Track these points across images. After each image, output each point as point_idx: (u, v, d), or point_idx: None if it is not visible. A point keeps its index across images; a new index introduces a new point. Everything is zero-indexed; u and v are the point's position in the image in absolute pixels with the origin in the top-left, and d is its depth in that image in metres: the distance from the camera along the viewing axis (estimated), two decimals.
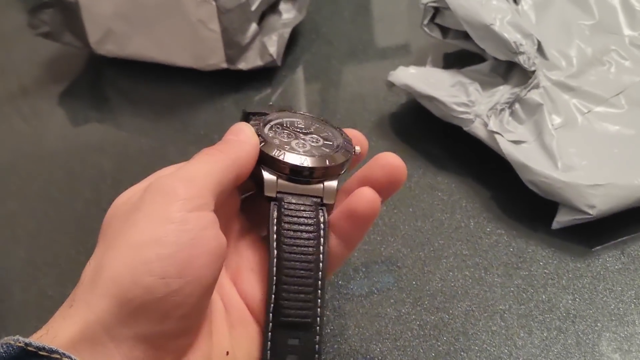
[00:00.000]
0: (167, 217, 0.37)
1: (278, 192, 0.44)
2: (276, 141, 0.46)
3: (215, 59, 0.83)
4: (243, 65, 0.84)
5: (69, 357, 0.33)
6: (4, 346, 0.33)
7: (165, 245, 0.36)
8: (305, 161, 0.44)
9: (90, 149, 0.79)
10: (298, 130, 0.48)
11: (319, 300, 0.44)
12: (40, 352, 0.33)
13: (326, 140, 0.48)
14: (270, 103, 0.63)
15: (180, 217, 0.37)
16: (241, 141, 0.44)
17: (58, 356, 0.33)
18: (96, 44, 0.86)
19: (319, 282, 0.44)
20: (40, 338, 0.34)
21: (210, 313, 0.42)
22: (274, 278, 0.43)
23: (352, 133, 0.50)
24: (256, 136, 0.45)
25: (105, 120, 0.84)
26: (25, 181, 0.75)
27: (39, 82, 0.91)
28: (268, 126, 0.48)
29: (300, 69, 0.90)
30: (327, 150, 0.47)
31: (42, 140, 0.81)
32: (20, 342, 0.33)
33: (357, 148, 0.48)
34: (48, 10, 0.86)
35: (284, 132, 0.47)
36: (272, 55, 0.83)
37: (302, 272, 0.43)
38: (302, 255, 0.43)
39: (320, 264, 0.44)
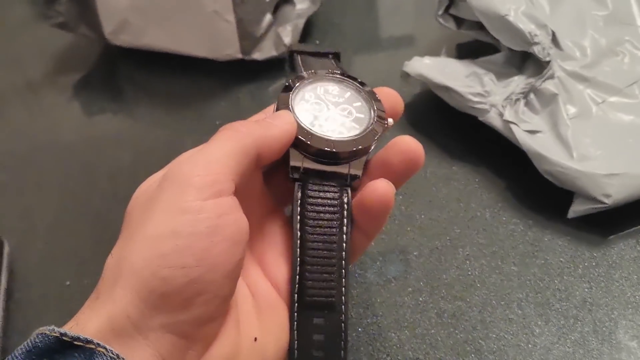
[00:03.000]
0: (182, 207, 0.37)
1: (303, 173, 0.45)
2: (306, 117, 0.46)
3: (231, 50, 0.83)
4: (258, 55, 0.84)
5: (104, 348, 0.33)
6: (40, 336, 0.33)
7: (181, 236, 0.36)
8: (333, 145, 0.44)
9: (106, 141, 0.79)
10: (330, 100, 0.48)
11: (343, 280, 0.44)
12: (76, 342, 0.33)
13: (358, 113, 0.48)
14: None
15: (195, 206, 0.37)
16: (271, 123, 0.43)
17: (93, 346, 0.33)
18: (111, 35, 0.86)
19: (342, 262, 0.44)
20: (70, 329, 0.34)
21: (236, 300, 0.42)
22: (298, 259, 0.44)
23: (385, 92, 0.50)
24: (294, 124, 0.44)
25: (120, 112, 0.84)
26: (43, 173, 0.76)
27: (52, 74, 0.92)
28: (300, 95, 0.48)
29: None
30: (357, 127, 0.46)
31: (59, 131, 0.82)
32: (55, 332, 0.33)
33: (390, 121, 0.48)
34: (63, 1, 0.86)
35: (315, 104, 0.47)
36: (287, 45, 0.84)
37: (325, 252, 0.44)
38: (325, 237, 0.44)
39: (344, 244, 0.44)
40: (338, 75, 0.50)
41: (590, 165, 0.61)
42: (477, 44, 0.81)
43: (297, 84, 0.48)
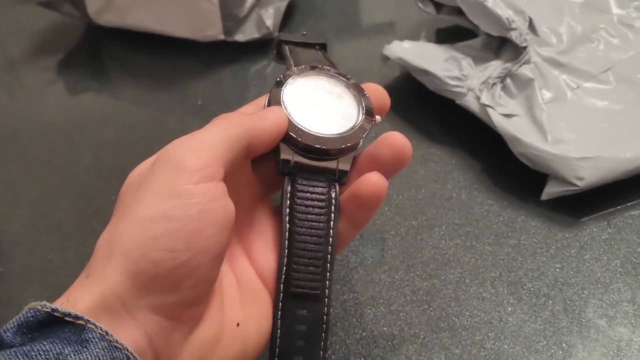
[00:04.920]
0: (173, 191, 0.37)
1: (293, 167, 0.45)
2: (297, 112, 0.46)
3: (213, 31, 0.84)
4: (240, 37, 0.85)
5: (94, 324, 0.34)
6: (32, 311, 0.34)
7: (172, 219, 0.36)
8: (322, 142, 0.45)
9: (90, 118, 0.79)
10: (320, 96, 0.48)
11: (328, 274, 0.45)
12: (67, 318, 0.34)
13: (347, 109, 0.48)
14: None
15: (187, 190, 0.37)
16: (264, 116, 0.44)
17: (82, 322, 0.34)
18: (95, 14, 0.87)
19: (328, 256, 0.44)
20: (62, 305, 0.35)
21: (221, 286, 0.43)
22: (286, 251, 0.44)
23: (372, 88, 0.50)
24: (285, 120, 0.45)
25: (104, 90, 0.85)
26: (27, 148, 0.76)
27: (36, 53, 0.91)
28: (291, 90, 0.48)
29: None
30: (346, 124, 0.47)
31: (43, 108, 0.82)
32: (47, 308, 0.34)
33: (378, 118, 0.48)
34: None
35: (306, 100, 0.47)
36: (269, 27, 0.84)
37: (312, 246, 0.44)
38: (312, 230, 0.44)
39: (330, 239, 0.45)
40: (328, 72, 0.50)
41: (564, 148, 0.63)
42: (456, 29, 0.82)
43: (288, 80, 0.48)
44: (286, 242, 0.44)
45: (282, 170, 0.45)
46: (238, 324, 0.42)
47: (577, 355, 0.53)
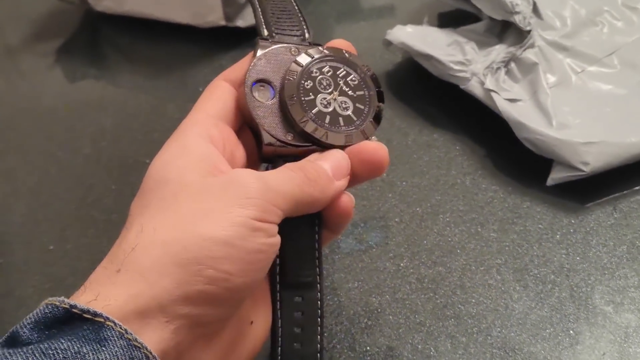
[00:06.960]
0: (242, 221, 0.38)
1: (276, 156, 0.44)
2: (310, 96, 0.45)
3: (214, 17, 0.83)
4: (241, 22, 0.84)
5: (113, 322, 0.33)
6: (49, 307, 0.33)
7: (236, 247, 0.37)
8: (326, 136, 0.44)
9: (89, 106, 0.79)
10: (333, 82, 0.46)
11: (317, 261, 0.45)
12: (85, 315, 0.33)
13: (357, 104, 0.46)
14: None
15: (254, 225, 0.38)
16: (333, 187, 0.43)
17: (102, 320, 0.33)
18: (94, 1, 0.86)
19: (316, 243, 0.45)
20: (90, 303, 0.34)
21: None
22: None
23: (338, 43, 0.48)
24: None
25: (103, 78, 0.84)
26: (25, 137, 0.75)
27: (34, 40, 0.91)
28: (317, 66, 0.46)
29: None
30: (353, 120, 0.45)
31: (41, 96, 0.81)
32: (65, 304, 0.33)
33: (374, 138, 0.46)
34: None
35: (321, 82, 0.45)
36: None
37: (303, 233, 0.44)
38: (302, 218, 0.43)
39: (316, 228, 0.45)
40: (351, 60, 0.48)
41: (569, 133, 0.62)
42: (459, 13, 0.81)
43: (312, 55, 0.46)
44: None
45: (265, 157, 0.44)
46: (252, 322, 0.43)
47: (584, 342, 0.53)
